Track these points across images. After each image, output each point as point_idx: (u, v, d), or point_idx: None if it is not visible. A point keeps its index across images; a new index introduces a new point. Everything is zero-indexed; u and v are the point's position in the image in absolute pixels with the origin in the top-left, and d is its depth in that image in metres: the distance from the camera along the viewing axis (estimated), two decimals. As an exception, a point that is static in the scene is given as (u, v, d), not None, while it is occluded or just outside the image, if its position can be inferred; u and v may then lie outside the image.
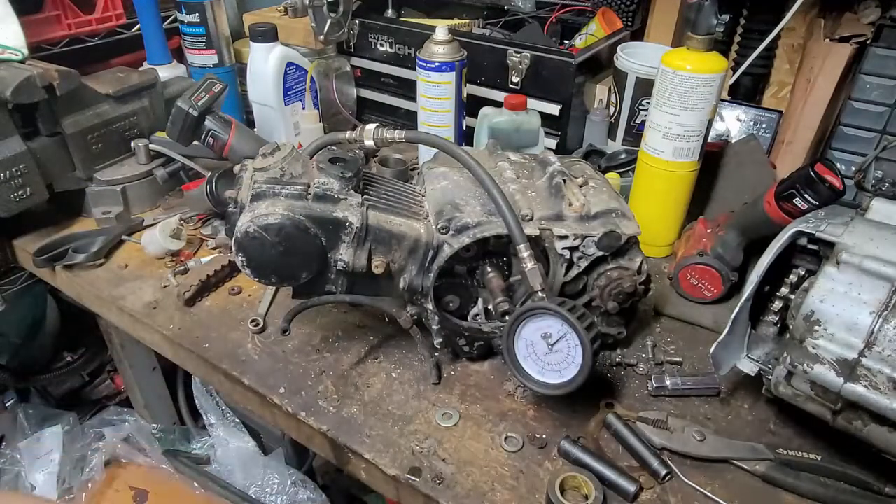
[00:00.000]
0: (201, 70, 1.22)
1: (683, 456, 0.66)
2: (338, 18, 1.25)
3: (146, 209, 1.07)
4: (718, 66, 0.82)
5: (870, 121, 1.00)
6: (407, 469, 0.65)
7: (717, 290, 0.86)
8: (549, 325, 0.64)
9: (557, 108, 1.16)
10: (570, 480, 0.62)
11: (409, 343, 0.80)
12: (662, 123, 0.87)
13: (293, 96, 1.20)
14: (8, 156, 0.89)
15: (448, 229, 0.69)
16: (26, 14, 1.06)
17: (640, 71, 1.07)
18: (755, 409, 0.72)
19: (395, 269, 0.71)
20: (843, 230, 0.60)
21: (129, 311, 0.88)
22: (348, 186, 0.67)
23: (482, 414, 0.71)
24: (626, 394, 0.74)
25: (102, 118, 1.01)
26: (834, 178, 0.74)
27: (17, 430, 1.38)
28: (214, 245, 0.99)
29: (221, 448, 1.40)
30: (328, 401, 0.73)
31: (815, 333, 0.58)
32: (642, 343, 0.81)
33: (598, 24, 1.29)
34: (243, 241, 0.65)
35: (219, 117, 1.01)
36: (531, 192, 0.74)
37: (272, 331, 0.84)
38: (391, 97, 1.39)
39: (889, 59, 0.96)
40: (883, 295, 0.55)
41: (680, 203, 0.94)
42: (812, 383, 0.58)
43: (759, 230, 0.82)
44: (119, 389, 1.62)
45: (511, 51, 1.16)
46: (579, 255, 0.72)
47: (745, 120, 1.17)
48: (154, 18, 1.20)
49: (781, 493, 0.63)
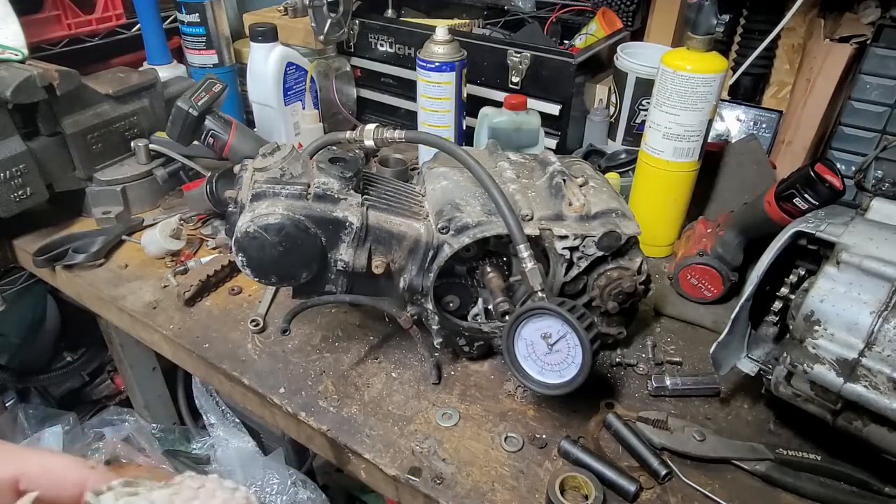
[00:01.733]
0: (201, 70, 1.22)
1: (683, 456, 0.66)
2: (338, 18, 1.25)
3: (146, 209, 1.07)
4: (718, 66, 0.82)
5: (870, 121, 1.00)
6: (407, 469, 0.65)
7: (717, 290, 0.86)
8: (548, 326, 0.64)
9: (557, 108, 1.16)
10: (570, 480, 0.62)
11: (409, 343, 0.80)
12: (662, 123, 0.87)
13: (293, 96, 1.21)
14: (8, 156, 0.89)
15: (448, 229, 0.69)
16: (26, 14, 1.05)
17: (640, 71, 1.07)
18: (755, 409, 0.72)
19: (395, 269, 0.71)
20: (843, 230, 0.60)
21: (129, 311, 0.88)
22: (348, 186, 0.67)
23: (482, 414, 0.71)
24: (626, 394, 0.74)
25: (102, 118, 1.01)
26: (834, 178, 0.74)
27: (17, 431, 1.38)
28: (214, 245, 0.99)
29: (221, 448, 1.40)
30: (328, 401, 0.73)
31: (815, 333, 0.58)
32: (642, 343, 0.81)
33: (598, 24, 1.29)
34: (243, 241, 0.65)
35: (219, 117, 1.01)
36: (531, 192, 0.74)
37: (272, 331, 0.84)
38: (391, 97, 1.39)
39: (889, 59, 0.96)
40: (883, 295, 0.55)
41: (680, 203, 0.94)
42: (812, 383, 0.58)
43: (759, 230, 0.81)
44: (119, 389, 1.62)
45: (511, 51, 1.16)
46: (579, 255, 0.72)
47: (745, 120, 1.17)
48: (154, 18, 1.20)
49: (781, 493, 0.63)
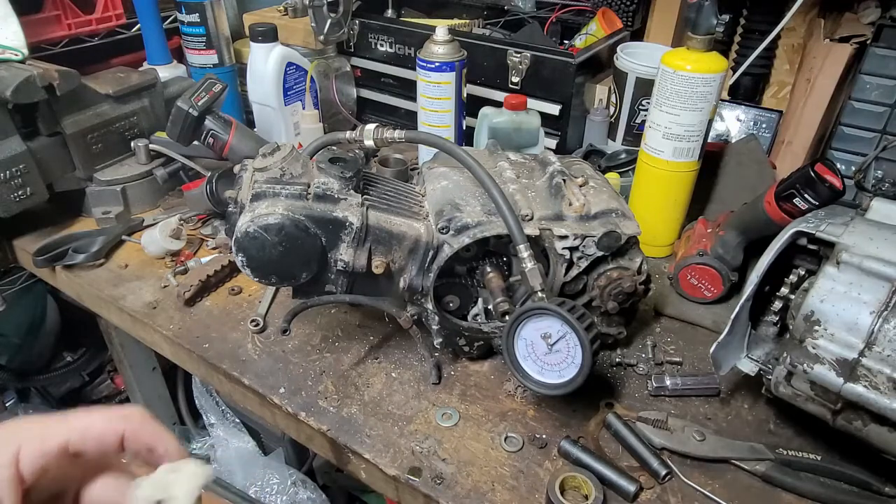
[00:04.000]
0: (201, 70, 1.22)
1: (683, 456, 0.66)
2: (338, 18, 1.25)
3: (146, 209, 1.07)
4: (718, 66, 0.82)
5: (870, 121, 1.00)
6: (407, 469, 0.65)
7: (717, 290, 0.86)
8: (548, 326, 0.64)
9: (557, 108, 1.16)
10: (570, 480, 0.62)
11: (409, 343, 0.80)
12: (662, 123, 0.87)
13: (293, 96, 1.21)
14: (8, 156, 0.89)
15: (448, 229, 0.69)
16: (26, 14, 1.05)
17: (640, 71, 1.07)
18: (755, 409, 0.72)
19: (395, 269, 0.71)
20: (843, 230, 0.60)
21: (129, 311, 0.88)
22: (348, 186, 0.67)
23: (482, 414, 0.71)
24: (626, 394, 0.74)
25: (102, 118, 1.01)
26: (834, 178, 0.74)
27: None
28: (214, 245, 0.99)
29: (221, 448, 1.40)
30: (328, 401, 0.73)
31: (815, 333, 0.57)
32: (642, 343, 0.81)
33: (598, 24, 1.29)
34: (243, 241, 0.65)
35: (219, 117, 1.01)
36: (531, 192, 0.74)
37: (272, 331, 0.84)
38: (391, 97, 1.39)
39: (889, 59, 0.96)
40: (883, 295, 0.55)
41: (680, 203, 0.94)
42: (812, 383, 0.58)
43: (759, 230, 0.81)
44: (119, 389, 1.62)
45: (511, 51, 1.16)
46: (579, 255, 0.72)
47: (745, 120, 1.17)
48: (154, 18, 1.20)
49: (781, 493, 0.63)
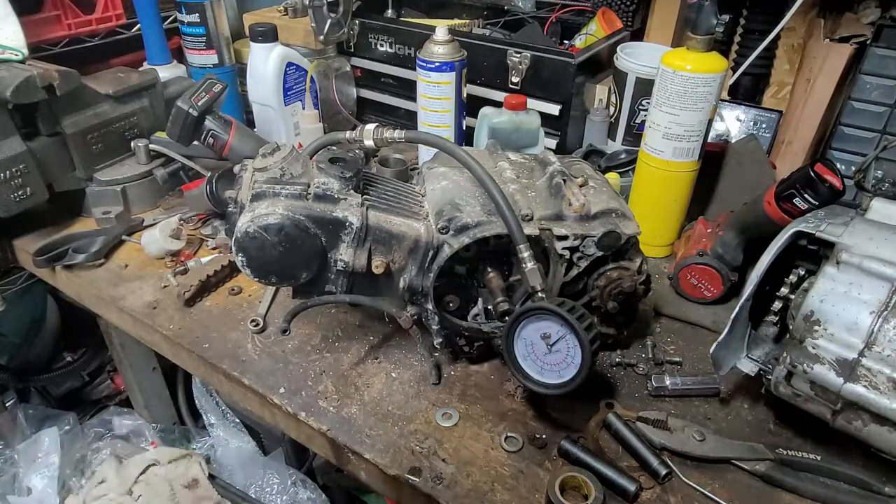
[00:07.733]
0: (201, 70, 1.22)
1: (683, 456, 0.66)
2: (338, 18, 1.25)
3: (146, 209, 1.07)
4: (718, 66, 0.82)
5: (870, 121, 1.00)
6: (407, 469, 0.65)
7: (717, 290, 0.86)
8: (548, 326, 0.64)
9: (557, 108, 1.16)
10: (570, 480, 0.62)
11: (409, 343, 0.80)
12: (662, 123, 0.87)
13: (293, 96, 1.21)
14: (8, 156, 0.89)
15: (448, 229, 0.69)
16: (26, 14, 1.05)
17: (640, 71, 1.07)
18: (755, 409, 0.72)
19: (395, 269, 0.71)
20: (843, 230, 0.60)
21: (129, 311, 0.88)
22: (348, 186, 0.67)
23: (482, 414, 0.71)
24: (626, 394, 0.74)
25: (102, 118, 1.01)
26: (834, 178, 0.74)
27: (16, 431, 1.38)
28: (214, 245, 0.99)
29: (221, 448, 1.40)
30: (328, 401, 0.73)
31: (815, 333, 0.58)
32: (642, 343, 0.81)
33: (598, 24, 1.29)
34: (243, 241, 0.65)
35: (219, 117, 1.01)
36: (531, 192, 0.74)
37: (272, 331, 0.84)
38: (391, 97, 1.39)
39: (889, 59, 0.96)
40: (883, 295, 0.55)
41: (680, 203, 0.94)
42: (812, 383, 0.58)
43: (759, 230, 0.81)
44: (119, 389, 1.62)
45: (511, 51, 1.16)
46: (579, 255, 0.72)
47: (745, 120, 1.16)
48: (154, 18, 1.20)
49: (781, 493, 0.63)
